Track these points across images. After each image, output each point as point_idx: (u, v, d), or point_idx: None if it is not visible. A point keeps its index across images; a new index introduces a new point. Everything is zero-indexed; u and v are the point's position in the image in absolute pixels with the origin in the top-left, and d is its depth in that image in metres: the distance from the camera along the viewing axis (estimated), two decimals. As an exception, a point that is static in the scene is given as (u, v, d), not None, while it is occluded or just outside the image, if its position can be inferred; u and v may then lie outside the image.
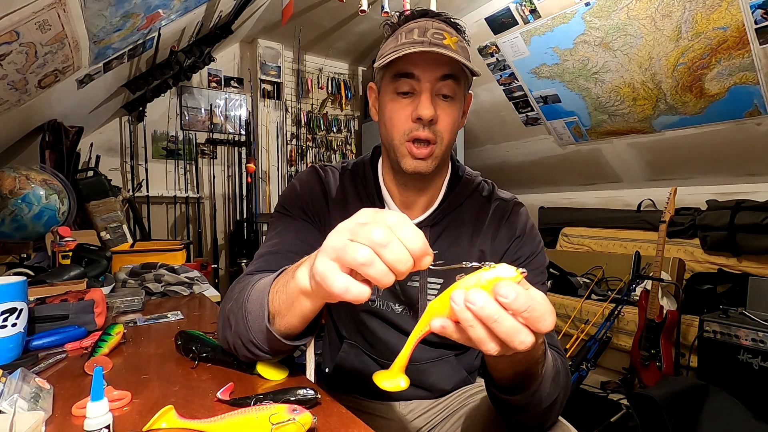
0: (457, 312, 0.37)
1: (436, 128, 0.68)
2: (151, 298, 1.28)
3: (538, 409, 0.56)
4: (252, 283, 0.61)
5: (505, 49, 3.05)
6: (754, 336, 1.75)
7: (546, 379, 0.54)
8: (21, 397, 0.50)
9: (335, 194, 0.78)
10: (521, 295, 0.35)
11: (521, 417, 0.59)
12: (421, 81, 0.66)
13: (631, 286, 2.27)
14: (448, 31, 0.67)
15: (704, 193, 2.75)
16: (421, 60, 0.65)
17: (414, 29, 0.66)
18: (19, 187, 1.75)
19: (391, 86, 0.69)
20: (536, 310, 0.36)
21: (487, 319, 0.36)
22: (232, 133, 3.60)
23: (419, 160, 0.69)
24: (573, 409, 1.85)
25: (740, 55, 2.22)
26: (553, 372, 0.56)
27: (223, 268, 3.55)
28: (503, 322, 0.36)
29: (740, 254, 2.42)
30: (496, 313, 0.36)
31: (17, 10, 1.17)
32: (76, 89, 2.05)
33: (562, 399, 0.61)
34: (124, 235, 2.36)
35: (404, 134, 0.69)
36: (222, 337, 0.65)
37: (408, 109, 0.68)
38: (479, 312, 0.36)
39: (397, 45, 0.66)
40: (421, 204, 0.77)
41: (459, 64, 0.66)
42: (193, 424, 0.49)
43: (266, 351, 0.58)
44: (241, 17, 2.85)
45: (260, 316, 0.55)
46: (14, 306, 0.70)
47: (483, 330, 0.37)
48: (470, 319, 0.36)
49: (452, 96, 0.69)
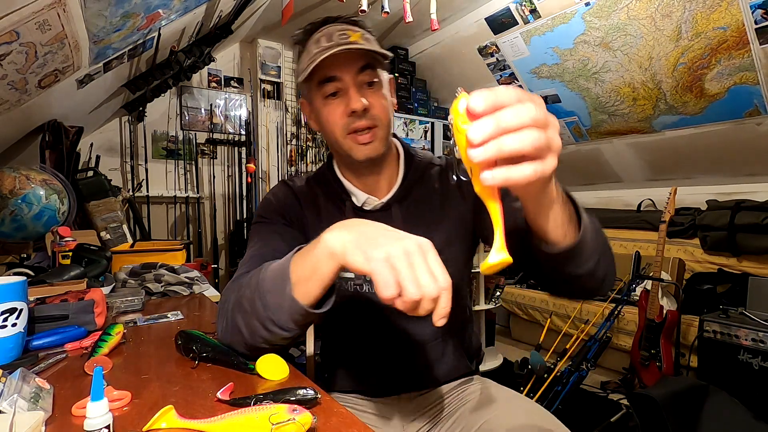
0: (475, 140, 0.37)
1: (371, 114, 0.74)
2: (151, 298, 1.28)
3: (587, 254, 0.57)
4: (261, 269, 0.62)
5: (505, 49, 3.06)
6: (754, 336, 1.75)
7: (586, 224, 0.56)
8: (21, 397, 0.50)
9: (305, 199, 0.84)
10: (487, 94, 0.37)
11: (573, 269, 0.58)
12: (343, 79, 0.72)
13: (631, 286, 2.27)
14: (351, 29, 0.73)
15: (704, 193, 2.75)
16: (337, 61, 0.70)
17: (320, 38, 0.72)
18: (19, 187, 1.75)
19: (320, 93, 0.75)
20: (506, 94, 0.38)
21: (492, 127, 0.37)
22: (232, 133, 3.60)
23: (366, 145, 0.74)
24: (573, 409, 1.86)
25: (740, 55, 2.22)
26: (591, 222, 0.57)
27: (223, 268, 3.55)
28: (504, 117, 0.37)
29: (740, 254, 2.42)
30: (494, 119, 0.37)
31: (17, 10, 1.17)
32: (76, 89, 2.05)
33: (608, 256, 0.62)
34: (124, 235, 2.36)
35: (344, 129, 0.74)
36: (230, 330, 0.65)
37: (341, 107, 0.73)
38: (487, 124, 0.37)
39: (311, 57, 0.71)
40: (383, 185, 0.82)
41: (370, 53, 0.72)
42: (193, 424, 0.49)
43: (285, 327, 0.60)
44: (241, 17, 2.86)
45: (281, 291, 0.57)
46: (14, 306, 0.70)
47: (501, 137, 0.37)
48: (489, 132, 0.37)
49: (375, 81, 0.75)
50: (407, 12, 2.58)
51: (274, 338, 0.62)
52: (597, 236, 0.58)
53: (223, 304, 0.68)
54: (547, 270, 0.62)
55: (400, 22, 3.14)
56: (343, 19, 0.76)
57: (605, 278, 0.63)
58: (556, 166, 0.41)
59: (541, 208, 0.51)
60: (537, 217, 0.53)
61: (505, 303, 3.10)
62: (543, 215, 0.52)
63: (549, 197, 0.50)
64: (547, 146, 0.39)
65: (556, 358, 2.09)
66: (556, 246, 0.55)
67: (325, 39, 0.71)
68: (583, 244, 0.55)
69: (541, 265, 0.61)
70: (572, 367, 1.92)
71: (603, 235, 0.61)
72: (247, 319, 0.62)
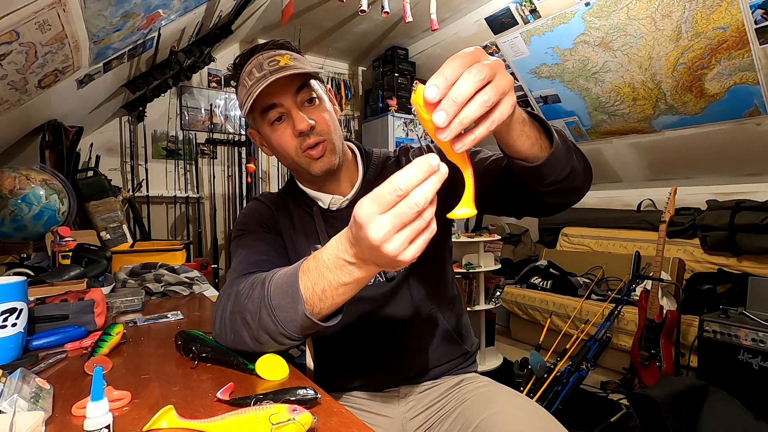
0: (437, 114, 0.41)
1: (317, 130, 0.77)
2: (151, 298, 1.28)
3: (565, 157, 0.61)
4: (266, 280, 0.63)
5: (505, 49, 3.06)
6: (754, 336, 1.75)
7: (555, 130, 0.60)
8: (21, 397, 0.50)
9: (277, 208, 0.88)
10: (438, 80, 0.41)
11: (558, 175, 0.62)
12: (283, 104, 0.75)
13: (631, 286, 2.27)
14: (279, 54, 0.76)
15: (704, 193, 2.76)
16: (273, 89, 0.73)
17: (252, 70, 0.74)
18: (19, 187, 1.75)
19: (265, 121, 0.78)
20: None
21: (452, 97, 0.41)
22: (232, 133, 3.60)
23: (320, 159, 0.77)
24: (573, 409, 1.86)
25: (740, 55, 2.22)
26: (555, 130, 0.61)
27: (223, 268, 3.55)
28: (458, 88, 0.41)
29: (740, 254, 2.42)
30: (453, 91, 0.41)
31: (17, 10, 1.17)
32: (76, 89, 2.05)
33: (578, 152, 0.66)
34: (124, 235, 2.36)
35: (296, 150, 0.77)
36: (234, 340, 0.67)
37: (288, 130, 0.76)
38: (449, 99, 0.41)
39: (247, 90, 0.74)
40: (345, 187, 0.86)
41: (302, 73, 0.75)
42: (193, 424, 0.49)
43: (298, 338, 0.63)
44: (241, 17, 2.86)
45: (293, 308, 0.58)
46: (14, 306, 0.70)
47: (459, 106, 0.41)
48: (449, 107, 0.41)
49: (314, 97, 0.78)
50: (407, 12, 2.58)
51: (282, 348, 0.65)
52: (564, 139, 0.62)
53: (221, 311, 0.69)
54: (535, 188, 0.64)
55: (400, 22, 3.14)
56: (269, 45, 0.78)
57: (585, 168, 0.67)
58: (515, 101, 0.46)
59: (514, 135, 0.56)
60: (515, 143, 0.57)
61: (505, 303, 3.10)
62: (519, 140, 0.57)
63: (518, 125, 0.55)
64: (500, 93, 0.43)
65: (556, 358, 2.09)
66: (539, 159, 0.59)
67: (256, 69, 0.74)
68: (558, 149, 0.59)
69: (528, 187, 0.65)
70: (572, 367, 1.92)
71: (565, 136, 0.65)
72: (257, 336, 0.63)
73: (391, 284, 0.82)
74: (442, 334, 0.87)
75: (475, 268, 2.58)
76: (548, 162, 0.59)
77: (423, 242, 0.46)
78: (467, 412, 0.76)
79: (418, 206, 0.43)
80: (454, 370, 0.88)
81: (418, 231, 0.45)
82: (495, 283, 2.78)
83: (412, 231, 0.44)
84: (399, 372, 0.85)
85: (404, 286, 0.83)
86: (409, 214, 0.43)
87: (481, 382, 0.85)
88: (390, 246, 0.44)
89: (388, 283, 0.83)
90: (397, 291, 0.83)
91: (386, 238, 0.44)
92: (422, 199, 0.42)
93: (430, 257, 0.87)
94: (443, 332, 0.87)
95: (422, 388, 0.86)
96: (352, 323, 0.83)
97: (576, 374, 1.90)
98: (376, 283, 0.83)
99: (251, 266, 0.73)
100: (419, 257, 0.46)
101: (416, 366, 0.85)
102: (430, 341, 0.86)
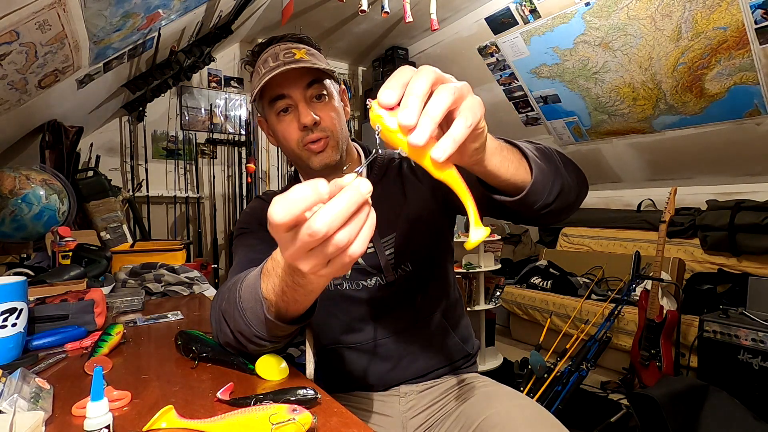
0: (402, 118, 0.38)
1: (321, 126, 0.77)
2: (151, 298, 1.28)
3: (551, 177, 0.59)
4: (240, 280, 0.63)
5: (505, 49, 3.06)
6: (754, 336, 1.75)
7: (532, 154, 0.58)
8: (21, 397, 0.50)
9: None
10: (391, 83, 0.39)
11: (548, 198, 0.60)
12: (292, 96, 0.76)
13: (631, 286, 2.27)
14: (296, 47, 0.76)
15: (704, 193, 2.75)
16: (284, 79, 0.74)
17: (267, 59, 0.76)
18: (19, 187, 1.75)
19: (272, 111, 0.78)
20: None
21: (412, 96, 0.38)
22: (232, 133, 3.60)
23: (320, 154, 0.78)
24: (573, 409, 1.86)
25: (740, 55, 2.22)
26: (534, 150, 0.60)
27: (223, 268, 3.55)
28: (414, 84, 0.38)
29: (740, 254, 2.42)
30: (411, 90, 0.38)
31: (17, 10, 1.17)
32: (76, 89, 2.05)
33: (568, 165, 0.65)
34: (124, 235, 2.37)
35: (299, 142, 0.78)
36: (223, 339, 0.67)
37: (293, 122, 0.77)
38: (410, 96, 0.38)
39: (260, 77, 0.75)
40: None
41: (315, 69, 0.75)
42: (193, 424, 0.49)
43: (272, 340, 0.61)
44: (241, 17, 2.86)
45: (260, 310, 0.57)
46: (14, 306, 0.70)
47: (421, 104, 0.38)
48: (411, 103, 0.38)
49: (323, 94, 0.78)
50: (407, 12, 2.58)
51: (267, 348, 0.64)
52: (549, 158, 0.61)
53: (213, 311, 0.70)
54: (525, 215, 0.64)
55: (400, 22, 3.14)
56: (288, 37, 0.80)
57: (579, 182, 0.66)
58: (481, 102, 0.41)
59: (496, 161, 0.53)
60: (499, 171, 0.54)
61: (505, 303, 3.10)
62: (503, 166, 0.54)
63: (497, 151, 0.53)
64: (458, 90, 0.39)
65: (556, 358, 2.09)
66: (526, 183, 0.57)
67: (271, 59, 0.74)
68: (542, 172, 0.58)
69: (519, 213, 0.64)
70: (572, 367, 1.92)
71: (550, 152, 0.63)
72: (236, 336, 0.63)
73: (392, 287, 0.82)
74: (443, 336, 0.86)
75: (475, 268, 2.58)
76: (532, 189, 0.57)
77: (345, 263, 0.40)
78: (468, 412, 0.76)
79: (320, 233, 0.36)
80: (454, 371, 0.88)
81: (330, 256, 0.39)
82: (495, 283, 2.77)
83: (323, 255, 0.39)
84: (399, 374, 0.85)
85: (406, 289, 0.83)
86: (310, 243, 0.37)
87: (482, 382, 0.85)
88: (303, 267, 0.40)
89: (389, 288, 0.82)
90: (399, 293, 0.83)
91: (296, 257, 0.40)
92: (324, 227, 0.35)
93: (431, 260, 0.88)
94: (444, 335, 0.86)
95: (422, 388, 0.85)
96: (353, 324, 0.83)
97: (576, 374, 1.89)
98: (377, 285, 0.82)
99: (250, 266, 0.73)
100: (420, 258, 0.45)
101: (417, 368, 0.85)
102: (431, 344, 0.85)
